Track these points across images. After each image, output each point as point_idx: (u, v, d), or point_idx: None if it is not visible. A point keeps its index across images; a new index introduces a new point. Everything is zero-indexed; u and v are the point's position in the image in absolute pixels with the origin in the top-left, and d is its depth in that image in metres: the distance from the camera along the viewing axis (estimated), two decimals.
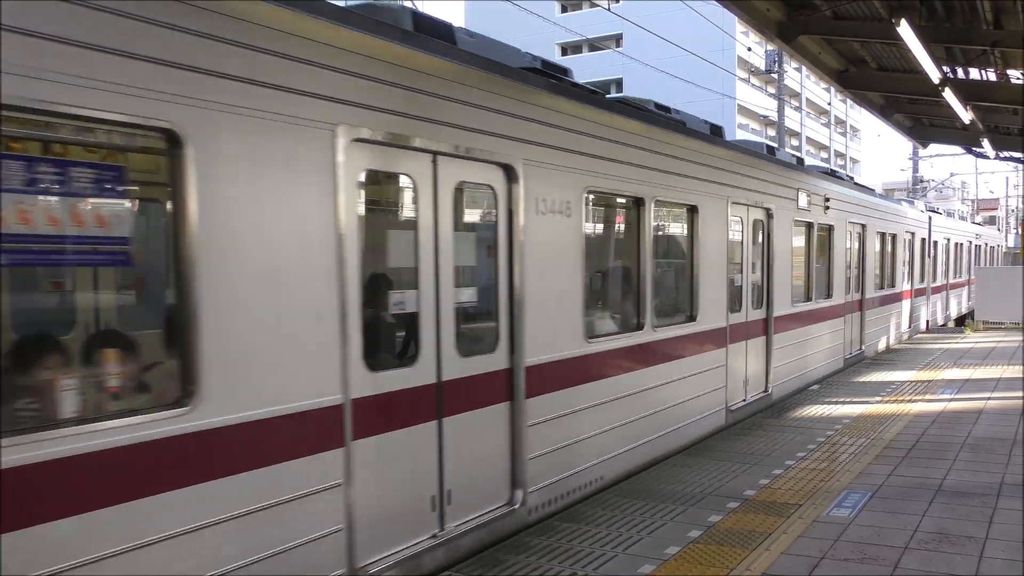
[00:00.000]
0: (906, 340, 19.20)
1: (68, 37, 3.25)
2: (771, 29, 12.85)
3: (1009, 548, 5.47)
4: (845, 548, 5.54)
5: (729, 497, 6.73)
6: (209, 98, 3.76)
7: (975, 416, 9.85)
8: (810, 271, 12.64)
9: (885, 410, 10.32)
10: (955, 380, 12.73)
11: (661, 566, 5.27)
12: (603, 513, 6.33)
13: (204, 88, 3.73)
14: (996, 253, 36.90)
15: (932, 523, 6.02)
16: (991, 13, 11.61)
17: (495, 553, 5.51)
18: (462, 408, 5.46)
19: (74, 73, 3.26)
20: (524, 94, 5.96)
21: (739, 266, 9.98)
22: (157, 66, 3.55)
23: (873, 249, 16.41)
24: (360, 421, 4.61)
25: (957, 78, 15.68)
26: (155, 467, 3.58)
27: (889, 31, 11.41)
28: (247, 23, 3.95)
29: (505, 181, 5.82)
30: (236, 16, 3.89)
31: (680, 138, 8.30)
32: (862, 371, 13.93)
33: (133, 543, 3.48)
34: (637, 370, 7.47)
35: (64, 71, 3.23)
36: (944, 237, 24.72)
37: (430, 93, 5.08)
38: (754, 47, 44.42)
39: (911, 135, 23.90)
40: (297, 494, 4.23)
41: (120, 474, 3.45)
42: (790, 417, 9.98)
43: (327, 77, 4.36)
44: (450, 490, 5.35)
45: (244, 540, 3.96)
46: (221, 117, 3.81)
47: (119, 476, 3.45)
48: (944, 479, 7.16)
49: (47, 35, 3.19)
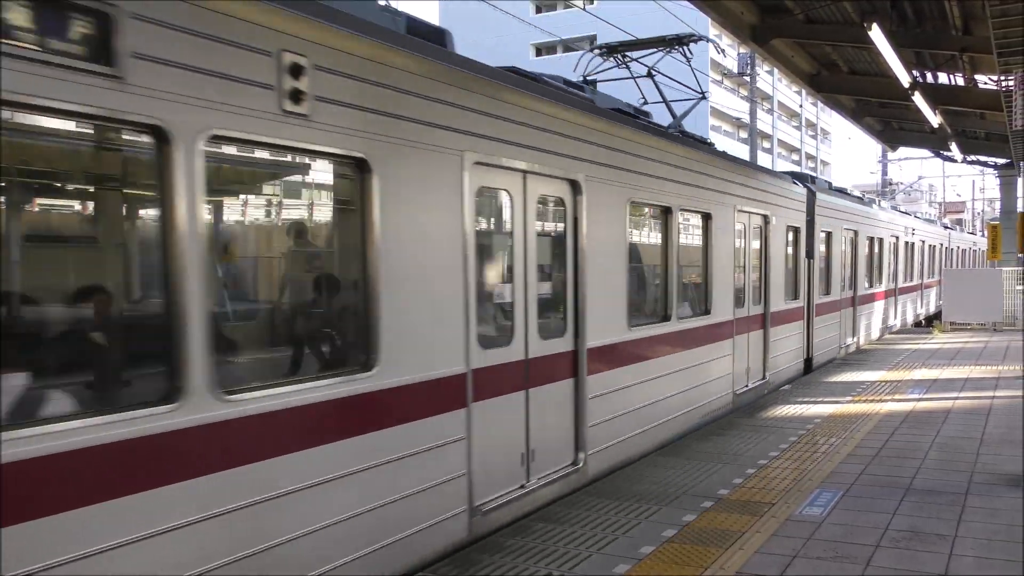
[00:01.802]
0: (877, 340, 19.48)
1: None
2: (745, 32, 12.96)
3: (977, 545, 5.55)
4: (817, 546, 5.59)
5: (703, 496, 6.77)
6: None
7: (944, 416, 9.99)
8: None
9: (856, 410, 10.44)
10: (924, 380, 12.91)
11: (636, 566, 5.28)
12: (578, 513, 6.34)
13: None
14: (969, 255, 37.48)
15: (903, 521, 6.09)
16: (960, 19, 11.80)
17: (470, 553, 5.50)
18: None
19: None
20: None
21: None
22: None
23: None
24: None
25: (926, 82, 15.92)
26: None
27: (861, 35, 11.56)
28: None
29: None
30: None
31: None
32: (832, 371, 14.09)
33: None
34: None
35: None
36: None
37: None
38: (727, 49, 44.73)
39: (881, 138, 24.23)
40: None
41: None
42: (763, 417, 10.06)
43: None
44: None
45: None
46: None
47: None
48: (914, 478, 7.25)
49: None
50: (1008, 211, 28.87)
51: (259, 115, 4.11)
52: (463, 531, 5.64)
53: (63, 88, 3.27)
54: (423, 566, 5.23)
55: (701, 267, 9.92)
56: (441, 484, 5.37)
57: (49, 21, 3.28)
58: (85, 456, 3.33)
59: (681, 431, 9.07)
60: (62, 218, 4.28)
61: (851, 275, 17.12)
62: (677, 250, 8.94)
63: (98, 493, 3.39)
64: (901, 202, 46.69)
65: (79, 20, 3.36)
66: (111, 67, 3.43)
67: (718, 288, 10.13)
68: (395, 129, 4.97)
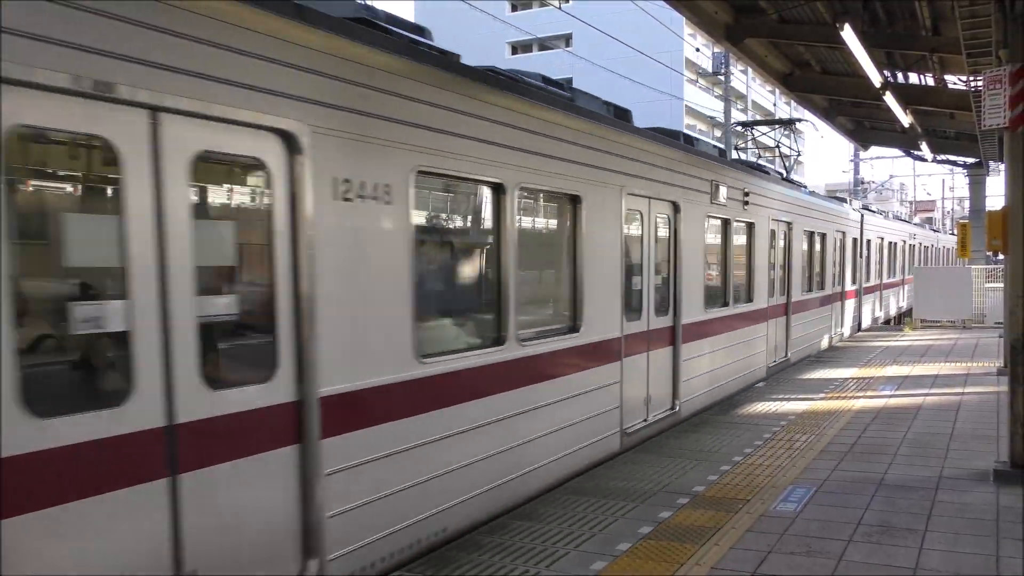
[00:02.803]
0: (839, 341, 18.97)
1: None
2: (719, 31, 13.04)
3: (947, 540, 5.64)
4: (791, 542, 5.65)
5: (679, 493, 6.82)
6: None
7: (914, 412, 10.12)
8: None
9: (828, 406, 10.55)
10: (895, 377, 13.08)
11: (613, 562, 5.31)
12: (555, 511, 6.36)
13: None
14: (932, 252, 37.04)
15: (875, 516, 6.17)
16: (930, 20, 11.94)
17: (447, 552, 5.50)
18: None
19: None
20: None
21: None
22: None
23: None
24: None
25: (897, 82, 16.11)
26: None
27: (833, 35, 11.66)
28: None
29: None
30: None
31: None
32: (805, 369, 14.22)
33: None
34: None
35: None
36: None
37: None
38: (702, 48, 45.00)
39: (853, 137, 24.46)
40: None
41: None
42: (737, 414, 10.15)
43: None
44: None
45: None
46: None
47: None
48: (886, 473, 7.35)
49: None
50: (977, 209, 29.30)
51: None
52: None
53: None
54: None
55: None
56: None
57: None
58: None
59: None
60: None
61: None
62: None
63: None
64: (873, 200, 47.18)
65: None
66: None
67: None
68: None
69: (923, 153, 24.62)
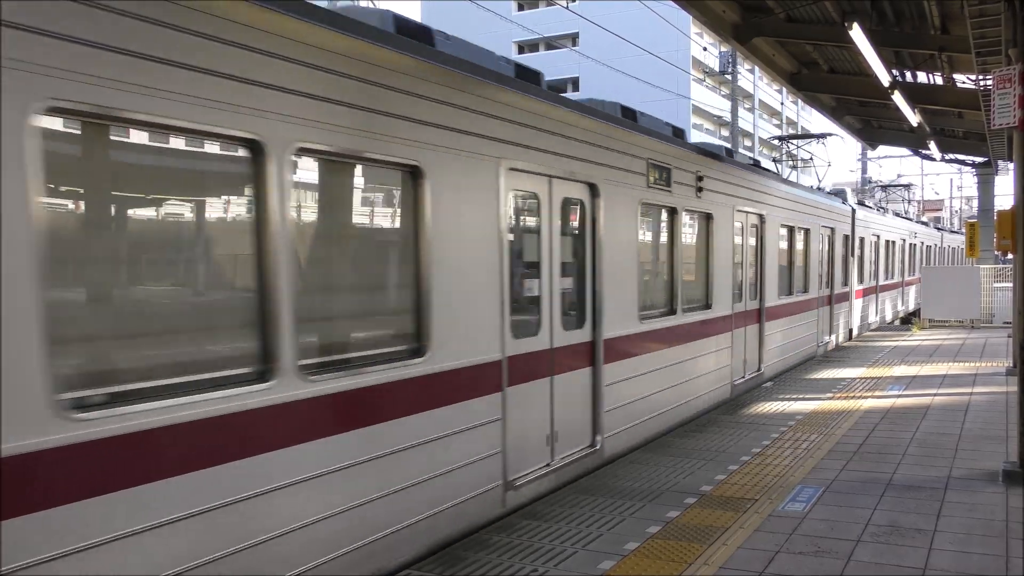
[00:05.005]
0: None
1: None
2: (726, 31, 13.03)
3: (956, 540, 5.62)
4: (800, 542, 5.65)
5: (687, 493, 6.81)
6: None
7: (923, 412, 10.10)
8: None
9: (836, 406, 10.53)
10: (903, 377, 13.04)
11: (621, 562, 5.31)
12: (563, 510, 6.37)
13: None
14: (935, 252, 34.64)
15: (883, 516, 6.16)
16: (938, 19, 11.91)
17: (456, 550, 5.51)
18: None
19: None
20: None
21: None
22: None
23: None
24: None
25: (906, 81, 16.07)
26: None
27: (841, 34, 11.65)
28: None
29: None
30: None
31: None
32: (813, 369, 14.20)
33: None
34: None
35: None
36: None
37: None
38: (709, 48, 44.92)
39: (861, 137, 24.41)
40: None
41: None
42: (745, 414, 10.13)
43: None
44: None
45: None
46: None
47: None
48: (894, 473, 7.33)
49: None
50: (986, 209, 29.20)
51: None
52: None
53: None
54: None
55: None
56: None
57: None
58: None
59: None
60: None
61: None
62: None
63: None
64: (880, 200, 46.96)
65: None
66: None
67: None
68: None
69: (931, 152, 24.55)
